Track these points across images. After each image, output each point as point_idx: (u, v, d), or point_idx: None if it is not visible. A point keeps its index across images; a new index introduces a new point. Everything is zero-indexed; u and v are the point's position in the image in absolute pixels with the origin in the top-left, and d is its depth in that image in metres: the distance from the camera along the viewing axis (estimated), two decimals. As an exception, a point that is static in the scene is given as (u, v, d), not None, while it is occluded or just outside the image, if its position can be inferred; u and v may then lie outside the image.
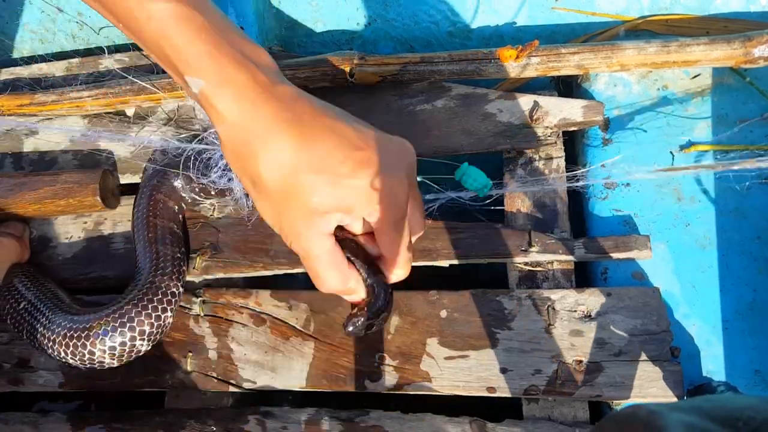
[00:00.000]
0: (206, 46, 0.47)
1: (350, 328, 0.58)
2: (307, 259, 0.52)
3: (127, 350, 0.64)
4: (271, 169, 0.47)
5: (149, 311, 0.64)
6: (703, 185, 0.73)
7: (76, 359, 0.64)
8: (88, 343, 0.63)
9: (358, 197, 0.48)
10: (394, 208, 0.50)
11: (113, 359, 0.64)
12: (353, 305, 0.58)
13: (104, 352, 0.63)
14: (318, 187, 0.47)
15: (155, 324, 0.65)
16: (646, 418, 0.34)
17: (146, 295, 0.65)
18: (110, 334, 0.63)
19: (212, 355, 0.70)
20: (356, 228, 0.53)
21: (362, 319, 0.57)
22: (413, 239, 0.57)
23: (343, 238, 0.54)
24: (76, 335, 0.63)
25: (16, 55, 0.94)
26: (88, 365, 0.64)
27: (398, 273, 0.56)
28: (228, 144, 0.49)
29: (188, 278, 0.73)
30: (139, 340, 0.64)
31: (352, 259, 0.55)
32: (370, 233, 0.54)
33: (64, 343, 0.64)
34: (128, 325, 0.63)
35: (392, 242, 0.53)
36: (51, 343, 0.64)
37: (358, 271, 0.56)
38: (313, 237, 0.50)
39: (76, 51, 0.88)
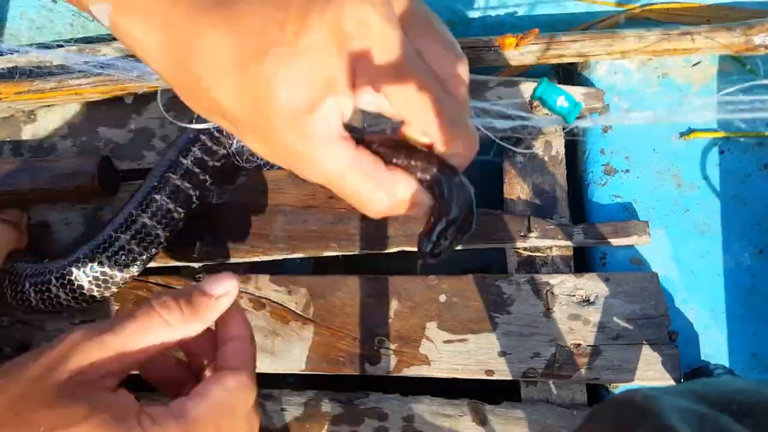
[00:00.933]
0: None
1: (427, 248, 0.40)
2: (332, 183, 0.38)
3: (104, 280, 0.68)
4: (219, 84, 0.35)
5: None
6: (703, 171, 0.73)
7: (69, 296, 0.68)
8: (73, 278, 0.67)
9: (327, 59, 0.34)
10: (383, 31, 0.34)
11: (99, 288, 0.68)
12: (426, 221, 0.41)
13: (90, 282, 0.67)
14: (275, 76, 0.34)
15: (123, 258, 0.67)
16: (641, 402, 0.35)
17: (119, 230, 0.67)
18: (89, 264, 0.67)
19: (212, 339, 0.70)
20: (373, 105, 0.37)
21: (436, 231, 0.40)
22: (457, 83, 0.37)
23: (368, 135, 0.38)
24: (65, 271, 0.67)
25: (14, 42, 0.94)
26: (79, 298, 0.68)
27: (456, 149, 0.38)
28: (168, 79, 0.38)
29: (188, 264, 0.73)
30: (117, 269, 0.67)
31: (390, 153, 0.39)
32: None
33: (59, 282, 0.67)
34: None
35: (415, 103, 0.36)
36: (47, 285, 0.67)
37: (406, 169, 0.39)
38: (317, 153, 0.36)
39: (74, 38, 0.88)
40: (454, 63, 0.37)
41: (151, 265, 0.73)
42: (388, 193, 0.38)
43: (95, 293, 0.68)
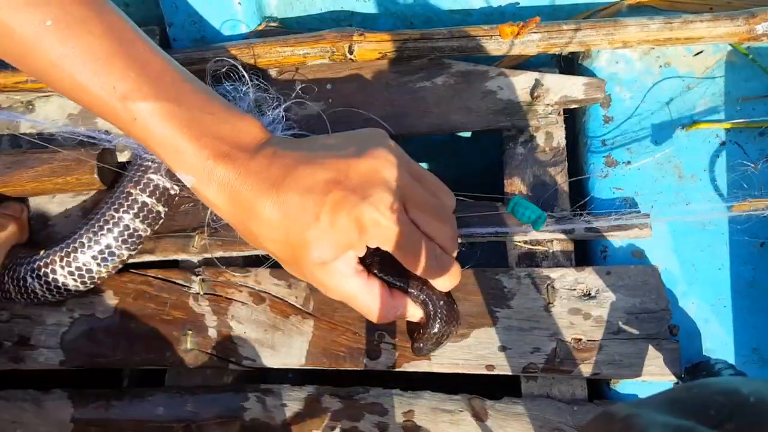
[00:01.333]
0: (190, 144, 0.51)
1: (419, 351, 0.60)
2: (349, 301, 0.56)
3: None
4: (269, 240, 0.53)
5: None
6: (705, 163, 0.73)
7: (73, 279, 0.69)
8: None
9: (350, 235, 0.51)
10: (389, 228, 0.51)
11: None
12: (420, 324, 0.59)
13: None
14: (310, 243, 0.50)
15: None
16: (623, 421, 0.34)
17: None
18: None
19: (212, 333, 0.70)
20: (380, 246, 0.54)
21: (426, 340, 0.59)
22: (443, 238, 0.55)
23: (377, 263, 0.56)
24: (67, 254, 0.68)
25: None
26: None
27: (442, 283, 0.57)
28: (232, 225, 0.56)
29: (187, 257, 0.73)
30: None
31: (393, 281, 0.57)
32: None
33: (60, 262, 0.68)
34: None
35: (410, 259, 0.53)
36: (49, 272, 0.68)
37: (404, 291, 0.57)
38: (338, 283, 0.54)
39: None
40: (441, 227, 0.55)
41: (150, 258, 0.73)
42: (389, 310, 0.56)
43: (103, 273, 0.69)
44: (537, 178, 0.72)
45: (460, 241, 0.66)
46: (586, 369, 0.64)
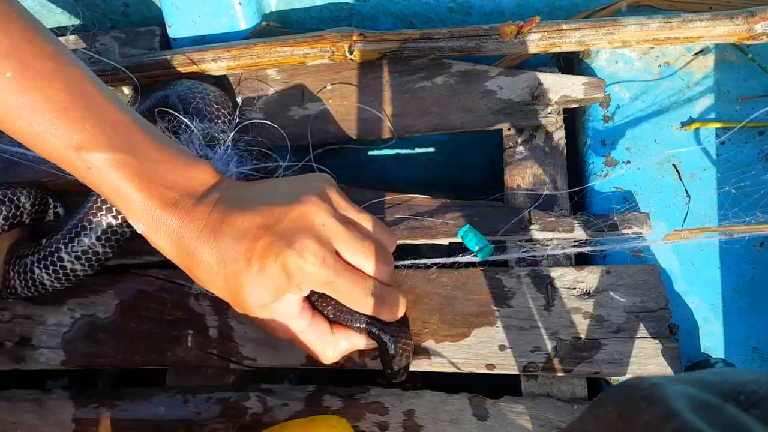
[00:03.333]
0: (140, 194, 0.54)
1: (393, 377, 0.62)
2: (294, 340, 0.58)
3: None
4: (211, 284, 0.55)
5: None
6: (704, 162, 0.73)
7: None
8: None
9: (280, 281, 0.53)
10: (314, 273, 0.53)
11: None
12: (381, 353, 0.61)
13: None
14: (245, 287, 0.53)
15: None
16: (648, 389, 0.34)
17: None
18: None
19: (213, 333, 0.70)
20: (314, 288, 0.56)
21: (393, 365, 0.60)
22: (381, 276, 0.58)
23: (326, 301, 0.58)
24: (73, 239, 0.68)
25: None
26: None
27: (385, 316, 0.59)
28: (180, 267, 0.57)
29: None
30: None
31: (339, 317, 0.58)
32: None
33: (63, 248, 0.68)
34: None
35: (347, 298, 0.56)
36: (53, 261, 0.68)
37: (348, 326, 0.59)
38: (281, 324, 0.57)
39: (73, 26, 0.87)
40: (376, 267, 0.57)
41: (151, 258, 0.73)
42: (334, 348, 0.59)
43: (109, 253, 0.69)
44: (537, 178, 0.72)
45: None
46: (586, 368, 0.64)
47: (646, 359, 0.63)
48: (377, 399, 0.66)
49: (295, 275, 0.53)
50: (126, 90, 0.81)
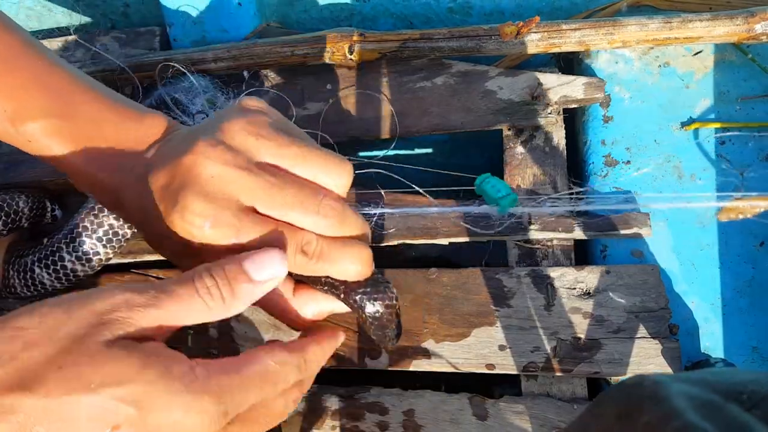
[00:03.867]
0: (79, 159, 0.48)
1: (381, 341, 0.49)
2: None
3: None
4: (144, 231, 0.50)
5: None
6: (704, 162, 0.73)
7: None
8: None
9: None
10: (211, 233, 0.43)
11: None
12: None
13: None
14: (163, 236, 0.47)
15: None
16: (650, 387, 0.34)
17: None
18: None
19: (213, 332, 0.70)
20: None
21: (374, 330, 0.48)
22: (319, 223, 0.46)
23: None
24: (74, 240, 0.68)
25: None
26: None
27: (339, 275, 0.47)
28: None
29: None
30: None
31: (299, 276, 0.48)
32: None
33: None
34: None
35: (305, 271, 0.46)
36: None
37: (325, 292, 0.48)
38: None
39: (72, 27, 0.87)
40: (313, 220, 0.45)
41: (150, 258, 0.73)
42: (298, 313, 0.49)
43: (110, 254, 0.69)
44: (537, 178, 0.72)
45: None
46: (586, 368, 0.64)
47: (646, 359, 0.63)
48: (377, 399, 0.66)
49: (193, 241, 0.44)
50: (127, 90, 0.81)
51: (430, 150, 1.07)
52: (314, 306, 0.49)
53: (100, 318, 0.38)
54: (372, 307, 0.48)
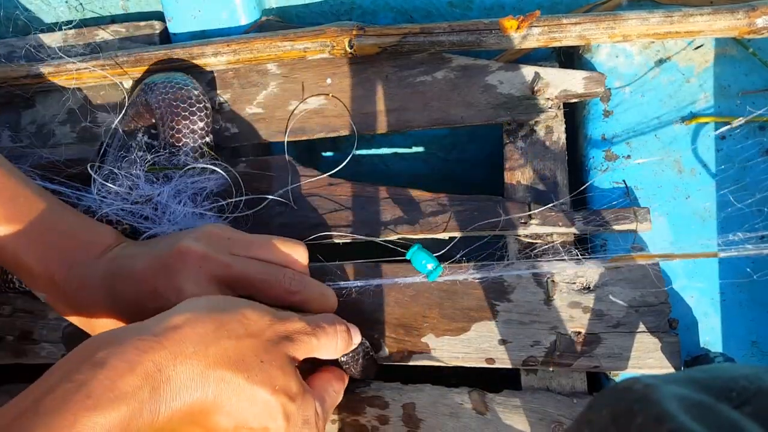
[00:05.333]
0: (38, 265, 0.57)
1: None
2: None
3: None
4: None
5: None
6: (704, 157, 0.73)
7: None
8: None
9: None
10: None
11: None
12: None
13: None
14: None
15: None
16: (641, 390, 0.35)
17: None
18: None
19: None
20: None
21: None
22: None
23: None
24: None
25: (11, 26, 0.93)
26: None
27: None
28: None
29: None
30: None
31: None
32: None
33: None
34: None
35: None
36: None
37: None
38: None
39: (72, 21, 0.87)
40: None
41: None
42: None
43: None
44: (537, 173, 0.72)
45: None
46: (586, 362, 0.64)
47: (646, 354, 0.63)
48: (377, 393, 0.66)
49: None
50: (126, 84, 0.80)
51: (430, 145, 1.07)
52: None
53: (289, 335, 0.51)
54: (352, 363, 0.63)
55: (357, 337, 0.60)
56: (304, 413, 0.50)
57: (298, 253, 0.63)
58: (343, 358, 0.62)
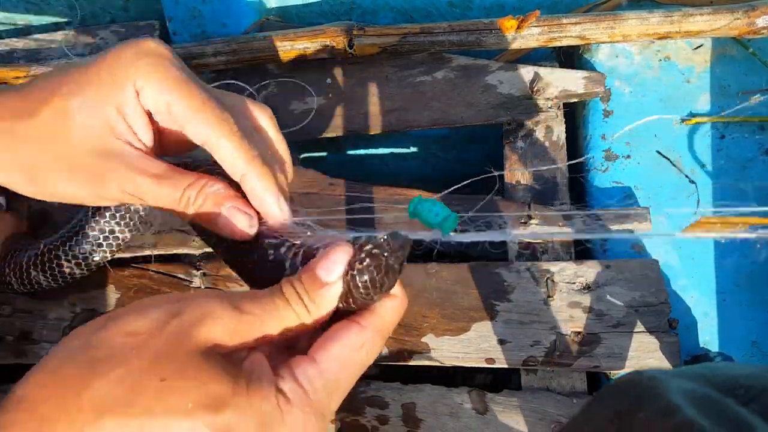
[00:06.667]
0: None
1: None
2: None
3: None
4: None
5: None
6: (704, 157, 0.73)
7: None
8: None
9: None
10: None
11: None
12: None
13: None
14: None
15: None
16: (647, 383, 0.35)
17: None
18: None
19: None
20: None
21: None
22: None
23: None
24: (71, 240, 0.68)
25: (11, 26, 0.93)
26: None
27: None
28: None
29: (188, 251, 0.73)
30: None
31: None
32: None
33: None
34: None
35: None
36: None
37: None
38: None
39: (72, 21, 0.87)
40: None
41: (152, 252, 0.73)
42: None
43: (107, 255, 0.69)
44: (537, 173, 0.72)
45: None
46: (586, 362, 0.64)
47: (646, 353, 0.63)
48: (377, 393, 0.66)
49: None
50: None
51: (429, 145, 1.06)
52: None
53: (191, 321, 0.37)
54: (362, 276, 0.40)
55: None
56: (254, 414, 0.36)
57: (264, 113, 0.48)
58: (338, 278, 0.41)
